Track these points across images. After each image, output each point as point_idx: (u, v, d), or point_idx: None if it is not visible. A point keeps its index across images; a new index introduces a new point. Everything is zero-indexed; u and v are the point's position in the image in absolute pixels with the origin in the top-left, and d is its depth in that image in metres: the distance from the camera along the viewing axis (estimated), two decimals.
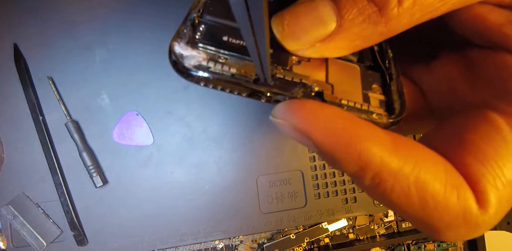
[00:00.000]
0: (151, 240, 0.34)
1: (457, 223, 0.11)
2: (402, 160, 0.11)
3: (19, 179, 0.33)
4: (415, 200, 0.11)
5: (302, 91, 0.13)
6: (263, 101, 0.13)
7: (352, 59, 0.15)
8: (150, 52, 0.35)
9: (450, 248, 0.40)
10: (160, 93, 0.35)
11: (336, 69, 0.14)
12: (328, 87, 0.13)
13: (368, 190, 0.12)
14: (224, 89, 0.13)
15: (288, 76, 0.13)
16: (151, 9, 0.35)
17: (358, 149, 0.11)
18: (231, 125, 0.36)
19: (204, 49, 0.13)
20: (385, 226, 0.40)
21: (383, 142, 0.11)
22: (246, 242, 0.37)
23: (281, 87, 0.13)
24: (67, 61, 0.34)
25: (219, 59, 0.13)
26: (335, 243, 0.39)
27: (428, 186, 0.11)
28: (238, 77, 0.12)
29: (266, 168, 0.36)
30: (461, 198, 0.11)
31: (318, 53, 0.13)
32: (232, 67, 0.12)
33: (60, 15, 0.34)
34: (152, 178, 0.35)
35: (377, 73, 0.15)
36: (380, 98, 0.14)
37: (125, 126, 0.35)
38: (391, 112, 0.13)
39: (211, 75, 0.12)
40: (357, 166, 0.11)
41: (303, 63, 0.14)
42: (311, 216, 0.37)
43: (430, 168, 0.11)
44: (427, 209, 0.11)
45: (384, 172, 0.11)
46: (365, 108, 0.13)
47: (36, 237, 0.33)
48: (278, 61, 0.13)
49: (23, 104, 0.33)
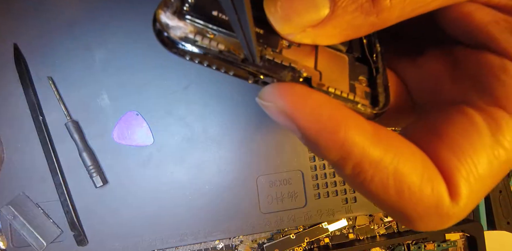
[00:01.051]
0: (151, 240, 0.34)
1: (430, 214, 0.11)
2: (383, 150, 0.11)
3: (19, 179, 0.33)
4: (392, 191, 0.11)
5: (290, 75, 0.12)
6: (250, 82, 0.12)
7: (342, 49, 0.15)
8: (150, 52, 0.35)
9: (450, 248, 0.40)
10: (160, 93, 0.35)
11: (325, 58, 0.14)
12: (316, 73, 0.13)
13: (348, 179, 0.12)
14: (211, 66, 0.12)
15: (278, 58, 0.13)
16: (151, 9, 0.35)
17: (342, 137, 0.11)
18: (231, 125, 0.36)
19: (191, 22, 0.12)
20: (385, 226, 0.40)
21: (366, 132, 0.11)
22: (246, 242, 0.37)
23: (270, 69, 0.12)
24: (67, 61, 0.34)
25: (206, 34, 0.12)
26: (335, 243, 0.39)
27: (405, 178, 0.11)
28: (226, 54, 0.12)
29: (266, 168, 0.36)
30: (435, 190, 0.11)
31: (309, 38, 0.13)
32: (220, 43, 0.12)
33: (60, 15, 0.34)
34: (152, 178, 0.35)
35: (364, 65, 0.15)
36: (365, 90, 0.14)
37: (125, 126, 0.35)
38: (375, 104, 0.14)
39: (197, 49, 0.12)
40: (339, 154, 0.11)
41: (293, 48, 0.13)
42: (311, 216, 0.37)
43: (408, 159, 0.11)
44: (402, 200, 0.11)
45: (365, 162, 0.11)
46: (351, 98, 0.13)
47: (36, 237, 0.33)
48: (268, 43, 0.13)
49: (23, 104, 0.33)
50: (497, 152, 0.11)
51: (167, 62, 0.35)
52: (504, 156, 0.11)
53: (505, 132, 0.11)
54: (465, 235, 0.40)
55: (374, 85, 0.14)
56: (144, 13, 0.35)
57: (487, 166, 0.11)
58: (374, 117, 0.14)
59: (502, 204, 0.41)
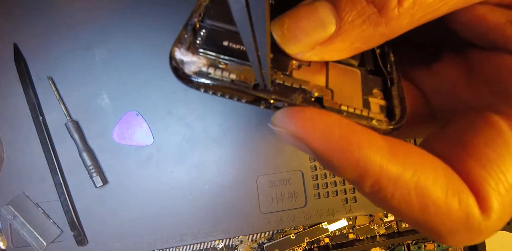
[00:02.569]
0: (151, 240, 0.34)
1: (460, 229, 0.11)
2: (401, 166, 0.11)
3: (19, 179, 0.33)
4: (416, 206, 0.11)
5: (301, 97, 0.13)
6: (262, 107, 0.13)
7: (353, 64, 0.14)
8: (150, 52, 0.35)
9: (450, 248, 0.40)
10: (160, 93, 0.35)
11: (337, 74, 0.14)
12: (328, 92, 0.13)
13: (369, 197, 0.12)
14: (224, 95, 0.13)
15: (288, 81, 0.13)
16: (151, 9, 0.35)
17: (356, 156, 0.11)
18: (231, 125, 0.36)
19: (204, 54, 0.13)
20: (385, 226, 0.40)
21: (381, 149, 0.11)
22: (246, 242, 0.37)
23: (280, 94, 0.12)
24: (67, 61, 0.34)
25: (219, 64, 0.13)
26: (335, 243, 0.39)
27: (428, 192, 0.11)
28: (237, 83, 0.12)
29: (266, 168, 0.36)
30: (463, 204, 0.11)
31: (319, 56, 0.13)
32: (232, 73, 0.12)
33: (60, 15, 0.34)
34: (152, 178, 0.35)
35: (378, 77, 0.15)
36: (380, 104, 0.14)
37: (125, 126, 0.35)
38: (392, 118, 0.13)
39: (211, 81, 0.12)
40: (356, 173, 0.11)
41: (303, 67, 0.13)
42: (311, 216, 0.37)
43: (430, 173, 0.11)
44: (428, 215, 0.11)
45: (383, 179, 0.11)
46: (365, 114, 0.13)
47: (36, 237, 0.33)
48: (277, 66, 0.13)
49: (23, 104, 0.33)
50: None
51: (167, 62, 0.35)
52: None
53: None
54: None
55: (390, 97, 0.14)
56: (144, 13, 0.35)
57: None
58: (391, 132, 0.13)
59: None
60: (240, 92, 0.12)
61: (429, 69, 0.15)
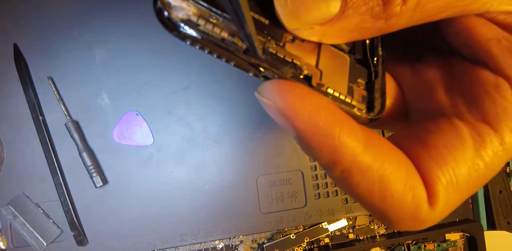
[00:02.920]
0: (151, 240, 0.34)
1: (408, 218, 0.12)
2: (372, 158, 0.12)
3: (19, 179, 0.33)
4: (376, 195, 0.12)
5: (291, 72, 0.12)
6: (250, 74, 0.12)
7: (344, 49, 0.14)
8: (150, 52, 0.35)
9: (450, 248, 0.40)
10: (160, 93, 0.35)
11: (328, 56, 0.14)
12: (317, 72, 0.13)
13: (335, 180, 0.12)
14: (211, 53, 0.12)
15: (280, 53, 0.12)
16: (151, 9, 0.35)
17: (335, 143, 0.11)
18: (231, 125, 0.36)
19: (195, 2, 0.11)
20: (385, 226, 0.40)
21: (359, 139, 0.12)
22: (246, 242, 0.37)
23: (272, 64, 0.12)
24: (67, 61, 0.34)
25: (210, 18, 0.11)
26: (335, 243, 0.39)
27: (389, 185, 0.12)
28: (228, 43, 0.11)
29: (266, 168, 0.36)
30: (415, 198, 0.12)
31: (315, 36, 0.13)
32: (223, 30, 0.11)
33: (60, 15, 0.34)
34: (152, 178, 0.35)
35: (364, 68, 0.15)
36: (362, 94, 0.14)
37: (125, 126, 0.35)
38: (371, 109, 0.14)
39: (199, 34, 0.11)
40: (330, 159, 0.12)
41: (297, 42, 0.13)
42: (311, 216, 0.37)
43: (394, 167, 0.12)
44: (384, 204, 0.12)
45: (353, 168, 0.12)
46: (348, 101, 0.13)
47: (36, 237, 0.33)
48: (272, 35, 0.12)
49: (23, 104, 0.33)
50: (477, 166, 0.12)
51: (167, 62, 0.35)
52: (483, 170, 0.12)
53: (487, 148, 0.12)
54: (465, 235, 0.40)
55: (372, 89, 0.14)
56: (144, 13, 0.35)
57: (466, 178, 0.12)
58: (368, 122, 0.14)
59: (502, 204, 0.41)
60: (229, 54, 0.12)
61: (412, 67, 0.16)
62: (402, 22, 0.12)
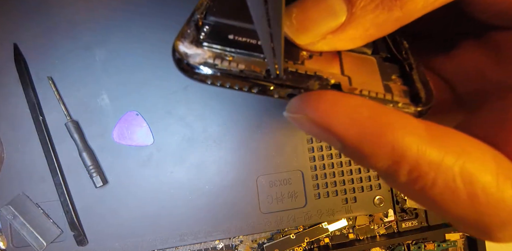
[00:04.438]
0: (151, 240, 0.34)
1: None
2: (443, 149, 0.09)
3: (19, 179, 0.33)
4: (463, 195, 0.09)
5: (318, 84, 0.12)
6: (276, 97, 0.12)
7: (366, 52, 0.14)
8: (150, 52, 0.35)
9: (450, 248, 0.40)
10: (160, 93, 0.35)
11: (351, 62, 0.13)
12: (345, 79, 0.12)
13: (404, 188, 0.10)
14: (233, 86, 0.12)
15: (301, 69, 0.12)
16: (151, 9, 0.35)
17: (390, 139, 0.09)
18: (231, 125, 0.36)
19: (209, 47, 0.12)
20: (385, 226, 0.40)
21: (417, 130, 0.10)
22: (246, 242, 0.37)
23: (295, 81, 0.12)
24: (67, 61, 0.34)
25: (225, 57, 0.12)
26: (335, 243, 0.39)
27: (477, 178, 0.09)
28: (247, 73, 0.12)
29: (266, 168, 0.36)
30: None
31: (330, 45, 0.12)
32: (240, 63, 0.12)
33: (60, 15, 0.34)
34: (152, 178, 0.35)
35: (395, 64, 0.14)
36: (403, 89, 0.13)
37: (125, 126, 0.35)
38: (417, 101, 0.12)
39: (218, 71, 0.12)
40: (390, 159, 0.10)
41: (314, 57, 0.13)
42: (311, 216, 0.37)
43: (476, 157, 0.10)
44: (477, 205, 0.09)
45: (423, 165, 0.09)
46: (388, 98, 0.12)
47: (36, 237, 0.33)
48: (288, 57, 0.12)
49: (23, 104, 0.33)
50: None
51: (167, 62, 0.35)
52: None
53: None
54: (465, 235, 0.40)
55: (411, 82, 0.13)
56: (144, 13, 0.35)
57: None
58: (418, 116, 0.12)
59: None
60: (250, 82, 0.12)
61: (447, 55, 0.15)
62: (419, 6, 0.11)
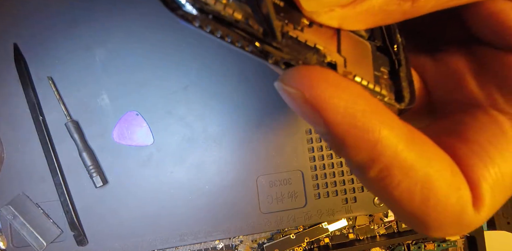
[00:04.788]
0: (151, 240, 0.34)
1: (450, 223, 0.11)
2: (416, 155, 0.10)
3: (19, 179, 0.33)
4: (417, 198, 0.10)
5: (316, 58, 0.11)
6: (270, 62, 0.11)
7: (364, 36, 0.13)
8: (150, 52, 0.35)
9: (450, 248, 0.40)
10: (160, 93, 0.35)
11: (349, 43, 0.12)
12: (341, 59, 0.11)
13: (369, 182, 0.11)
14: (224, 37, 0.10)
15: (301, 37, 0.11)
16: (151, 9, 0.35)
17: (376, 137, 0.10)
18: (231, 125, 0.36)
19: None
20: (385, 226, 0.40)
21: (402, 133, 0.10)
22: (246, 242, 0.37)
23: (293, 49, 0.11)
24: (67, 61, 0.34)
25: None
26: (335, 243, 0.39)
27: (434, 185, 0.10)
28: (243, 26, 0.10)
29: (266, 168, 0.36)
30: (460, 200, 0.10)
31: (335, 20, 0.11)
32: (236, 11, 0.10)
33: (60, 15, 0.34)
34: (152, 178, 0.35)
35: (385, 56, 0.13)
36: (389, 83, 0.12)
37: (125, 126, 0.35)
38: (400, 99, 0.12)
39: (210, 14, 0.10)
40: (368, 156, 0.10)
41: (315, 27, 0.12)
42: (311, 216, 0.37)
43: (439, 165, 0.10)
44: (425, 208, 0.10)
45: (394, 166, 0.10)
46: (377, 90, 0.12)
47: (36, 237, 0.33)
48: (289, 18, 0.11)
49: (23, 104, 0.33)
50: None
51: (167, 62, 0.35)
52: None
53: None
54: (465, 235, 0.40)
55: (397, 79, 0.13)
56: (144, 13, 0.35)
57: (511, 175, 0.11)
58: (399, 114, 0.12)
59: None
60: (245, 38, 0.10)
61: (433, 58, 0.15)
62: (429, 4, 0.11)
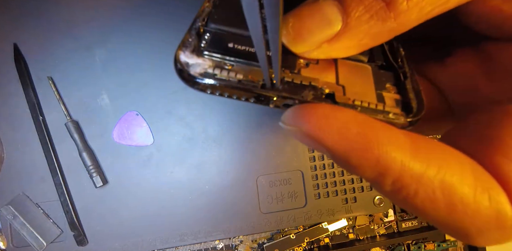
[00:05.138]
0: (151, 240, 0.34)
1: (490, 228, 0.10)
2: (424, 162, 0.10)
3: (19, 179, 0.33)
4: (442, 205, 0.10)
5: (312, 94, 0.12)
6: (272, 106, 0.12)
7: (363, 60, 0.14)
8: (150, 52, 0.35)
9: (450, 248, 0.40)
10: (160, 93, 0.35)
11: (347, 70, 0.14)
12: (339, 88, 0.13)
13: (390, 196, 0.11)
14: (231, 96, 0.12)
15: (297, 79, 0.13)
16: (151, 9, 0.35)
17: (375, 154, 0.10)
18: (231, 125, 0.36)
19: (209, 56, 0.13)
20: (385, 226, 0.40)
21: (402, 145, 0.10)
22: (246, 242, 0.37)
23: (290, 91, 0.12)
24: (67, 61, 0.34)
25: (225, 66, 0.13)
26: (335, 243, 0.39)
27: (455, 190, 0.10)
28: (245, 83, 0.12)
29: (266, 168, 0.36)
30: (493, 201, 0.10)
31: (326, 54, 0.12)
32: (238, 73, 0.12)
33: (60, 15, 0.34)
34: (152, 178, 0.35)
35: (390, 72, 0.14)
36: (395, 98, 0.13)
37: (125, 126, 0.35)
38: (409, 111, 0.13)
39: (217, 82, 0.12)
40: (375, 171, 0.10)
41: (311, 66, 0.13)
42: (311, 216, 0.37)
43: (456, 170, 0.10)
44: (455, 214, 0.10)
45: (405, 177, 0.10)
46: (380, 108, 0.13)
47: (36, 237, 0.33)
48: (285, 65, 0.13)
49: (23, 104, 0.33)
50: None
51: (167, 62, 0.35)
52: None
53: None
54: None
55: (404, 91, 0.13)
56: (144, 13, 0.35)
57: None
58: (409, 126, 0.13)
59: None
60: (247, 92, 0.12)
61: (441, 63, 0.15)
62: (413, 17, 0.11)
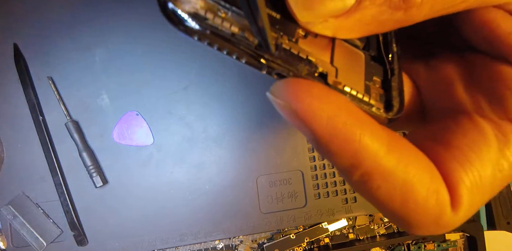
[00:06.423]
0: (151, 240, 0.34)
1: (430, 223, 0.11)
2: (395, 161, 0.11)
3: (19, 179, 0.33)
4: (397, 200, 0.11)
5: (307, 69, 0.11)
6: (263, 72, 0.11)
7: (359, 45, 0.14)
8: (150, 52, 0.35)
9: (450, 248, 0.40)
10: (160, 93, 0.35)
11: (342, 53, 0.13)
12: (332, 69, 0.12)
13: (353, 184, 0.12)
14: (221, 49, 0.11)
15: (294, 49, 0.12)
16: (151, 9, 0.35)
17: (356, 146, 0.11)
18: (231, 125, 0.36)
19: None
20: (385, 226, 0.40)
21: (381, 141, 0.11)
22: (246, 242, 0.37)
23: (286, 60, 0.11)
24: (67, 61, 0.34)
25: (218, 12, 0.11)
26: (335, 243, 0.39)
27: (412, 189, 0.11)
28: (239, 38, 0.11)
29: (266, 168, 0.36)
30: (439, 203, 0.11)
31: (329, 30, 0.12)
32: (233, 25, 0.11)
33: (60, 15, 0.34)
34: (152, 178, 0.35)
35: (379, 66, 0.14)
36: (380, 93, 0.13)
37: (125, 126, 0.35)
38: (389, 108, 0.13)
39: (208, 29, 0.10)
40: (349, 162, 0.11)
41: (309, 38, 0.12)
42: (311, 216, 0.37)
43: (418, 170, 0.11)
44: (405, 209, 0.11)
45: (374, 172, 0.11)
46: (366, 100, 0.12)
47: (36, 237, 0.33)
48: (284, 30, 0.12)
49: (23, 104, 0.33)
50: (501, 166, 0.11)
51: (167, 62, 0.35)
52: (507, 170, 0.12)
53: None
54: (465, 235, 0.40)
55: (389, 88, 0.13)
56: (144, 13, 0.35)
57: (490, 179, 0.11)
58: (387, 122, 0.13)
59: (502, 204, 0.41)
60: (240, 50, 0.11)
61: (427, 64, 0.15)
62: (422, 13, 0.11)
